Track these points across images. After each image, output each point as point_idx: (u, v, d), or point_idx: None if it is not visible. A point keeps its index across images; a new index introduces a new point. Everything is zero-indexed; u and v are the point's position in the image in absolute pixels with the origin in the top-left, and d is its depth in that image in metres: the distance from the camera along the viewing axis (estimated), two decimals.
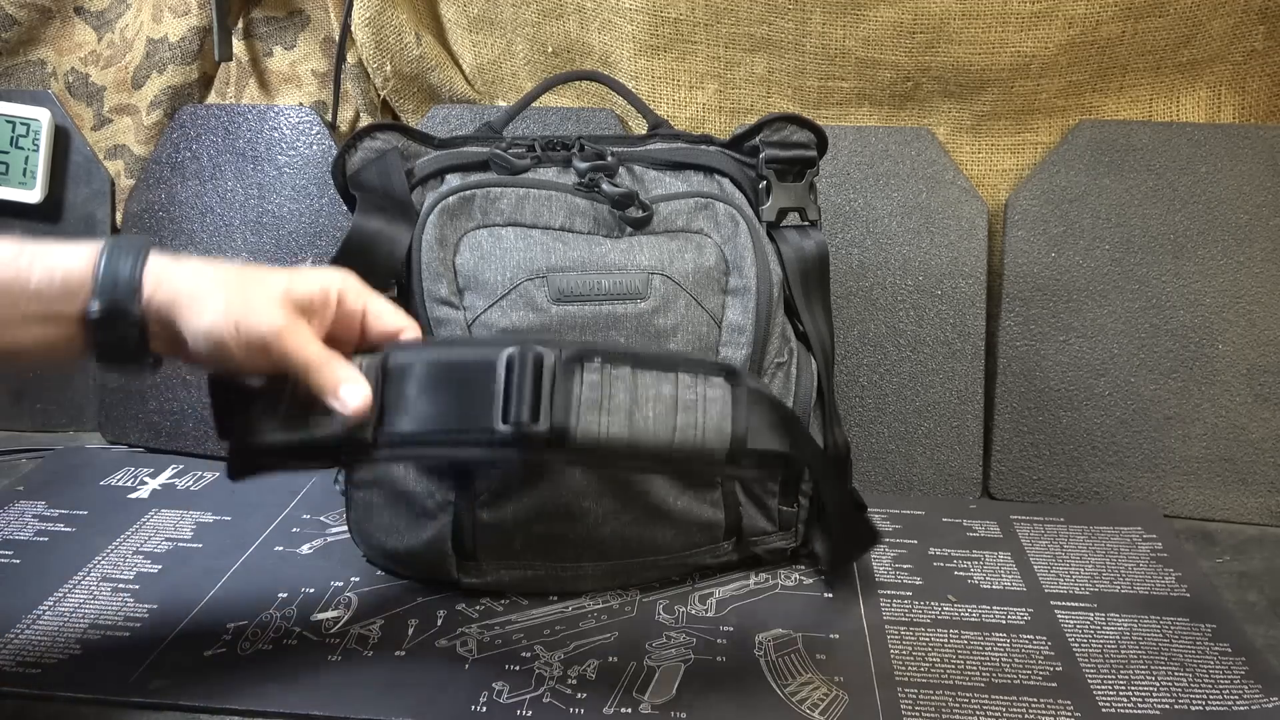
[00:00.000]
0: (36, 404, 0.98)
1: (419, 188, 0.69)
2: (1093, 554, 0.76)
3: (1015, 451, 0.85)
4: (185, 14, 0.99)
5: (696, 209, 0.70)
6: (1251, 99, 0.89)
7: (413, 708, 0.58)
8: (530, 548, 0.67)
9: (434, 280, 0.66)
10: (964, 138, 0.92)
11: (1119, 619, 0.68)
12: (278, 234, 0.92)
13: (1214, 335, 0.84)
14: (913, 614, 0.68)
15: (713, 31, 0.89)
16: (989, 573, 0.73)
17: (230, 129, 0.94)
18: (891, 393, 0.86)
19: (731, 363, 0.66)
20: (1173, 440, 0.84)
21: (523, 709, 0.58)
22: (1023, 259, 0.87)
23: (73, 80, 1.04)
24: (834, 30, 0.87)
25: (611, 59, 0.94)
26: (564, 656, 0.63)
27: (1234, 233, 0.84)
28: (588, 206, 0.69)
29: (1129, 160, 0.86)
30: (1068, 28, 0.84)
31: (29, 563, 0.73)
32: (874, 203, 0.89)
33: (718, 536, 0.70)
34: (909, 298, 0.87)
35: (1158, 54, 0.86)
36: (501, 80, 0.99)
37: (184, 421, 0.92)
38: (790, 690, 0.60)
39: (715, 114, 0.93)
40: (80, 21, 1.03)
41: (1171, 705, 0.59)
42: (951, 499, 0.85)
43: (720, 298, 0.68)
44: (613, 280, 0.66)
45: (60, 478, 0.87)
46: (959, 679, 0.61)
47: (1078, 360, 0.85)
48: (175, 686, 0.59)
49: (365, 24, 0.93)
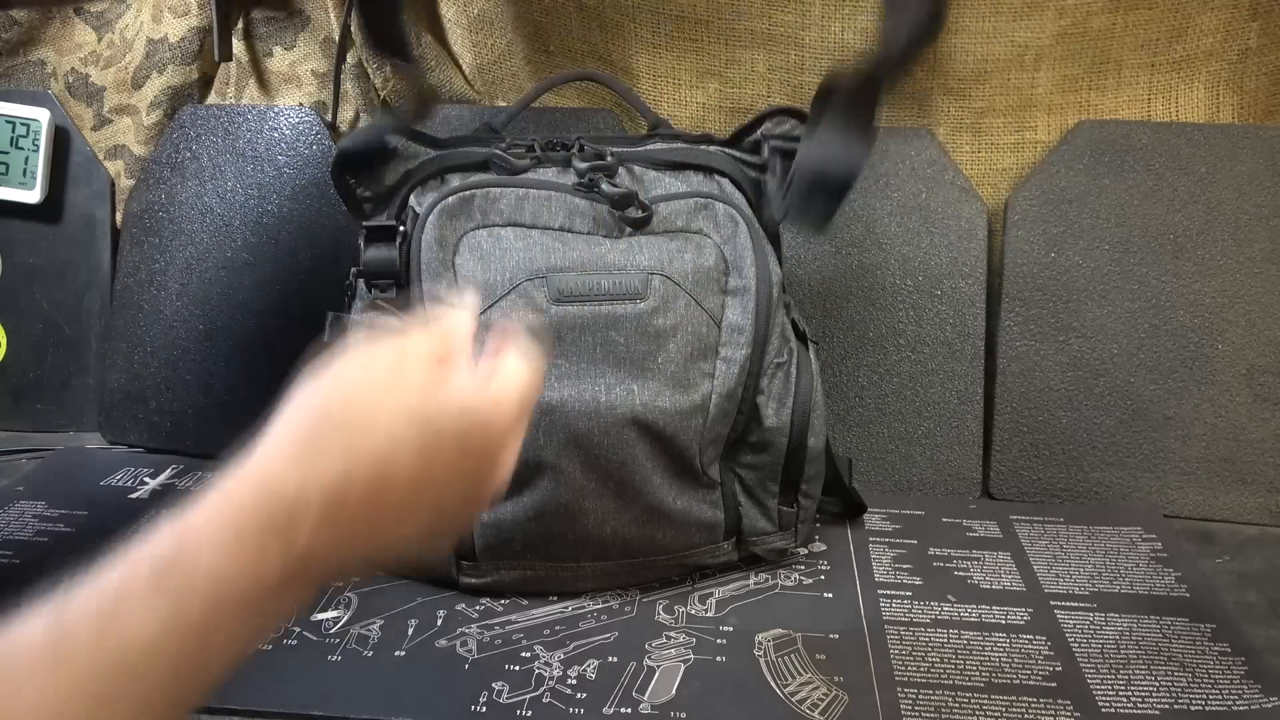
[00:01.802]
0: (36, 404, 0.98)
1: (418, 188, 0.69)
2: (1092, 554, 0.76)
3: (1015, 451, 0.85)
4: (185, 14, 0.99)
5: (696, 209, 0.70)
6: (1250, 98, 0.89)
7: (413, 708, 0.58)
8: (530, 548, 0.67)
9: (434, 280, 0.66)
10: (963, 137, 0.92)
11: (1119, 619, 0.68)
12: (278, 234, 0.92)
13: (1214, 335, 0.84)
14: (912, 614, 0.68)
15: (713, 29, 0.89)
16: (989, 573, 0.73)
17: (230, 129, 0.94)
18: (891, 393, 0.86)
19: (731, 363, 0.67)
20: (1172, 440, 0.84)
21: (523, 709, 0.58)
22: (1022, 259, 0.87)
23: (73, 80, 1.04)
24: (832, 22, 0.87)
25: (612, 59, 0.94)
26: (564, 656, 0.63)
27: (1234, 233, 0.84)
28: (587, 207, 0.69)
29: (1129, 160, 0.86)
30: (1059, 18, 0.85)
31: (29, 563, 0.73)
32: (874, 203, 0.89)
33: (717, 537, 0.70)
34: (909, 298, 0.87)
35: (1151, 48, 0.87)
36: (501, 80, 0.99)
37: (184, 421, 0.92)
38: (790, 690, 0.60)
39: (715, 113, 0.93)
40: (80, 22, 1.03)
41: (1171, 705, 0.59)
42: (951, 499, 0.85)
43: (720, 298, 0.68)
44: (612, 280, 0.66)
45: (60, 478, 0.87)
46: (959, 679, 0.61)
47: (1077, 360, 0.85)
48: None
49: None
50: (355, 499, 0.38)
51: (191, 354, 0.92)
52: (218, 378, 0.91)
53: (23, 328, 0.98)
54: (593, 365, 0.65)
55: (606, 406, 0.64)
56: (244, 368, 0.91)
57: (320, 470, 0.37)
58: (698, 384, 0.66)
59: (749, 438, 0.70)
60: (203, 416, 0.91)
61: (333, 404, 0.40)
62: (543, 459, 0.64)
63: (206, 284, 0.93)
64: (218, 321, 0.92)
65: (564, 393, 0.64)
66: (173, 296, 0.93)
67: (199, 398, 0.92)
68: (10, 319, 0.98)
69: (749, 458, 0.70)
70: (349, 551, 0.38)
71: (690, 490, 0.68)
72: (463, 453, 0.41)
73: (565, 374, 0.64)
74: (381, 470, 0.38)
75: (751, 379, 0.68)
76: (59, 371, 0.98)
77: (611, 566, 0.69)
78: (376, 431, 0.39)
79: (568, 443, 0.64)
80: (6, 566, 0.72)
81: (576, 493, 0.65)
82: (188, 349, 0.92)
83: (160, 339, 0.93)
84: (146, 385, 0.93)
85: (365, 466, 0.38)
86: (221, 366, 0.91)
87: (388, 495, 0.39)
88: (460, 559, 0.68)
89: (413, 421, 0.39)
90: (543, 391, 0.45)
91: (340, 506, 0.37)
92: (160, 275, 0.94)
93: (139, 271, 0.94)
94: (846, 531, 0.79)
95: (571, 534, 0.67)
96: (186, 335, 0.92)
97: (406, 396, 0.40)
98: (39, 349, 0.98)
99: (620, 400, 0.64)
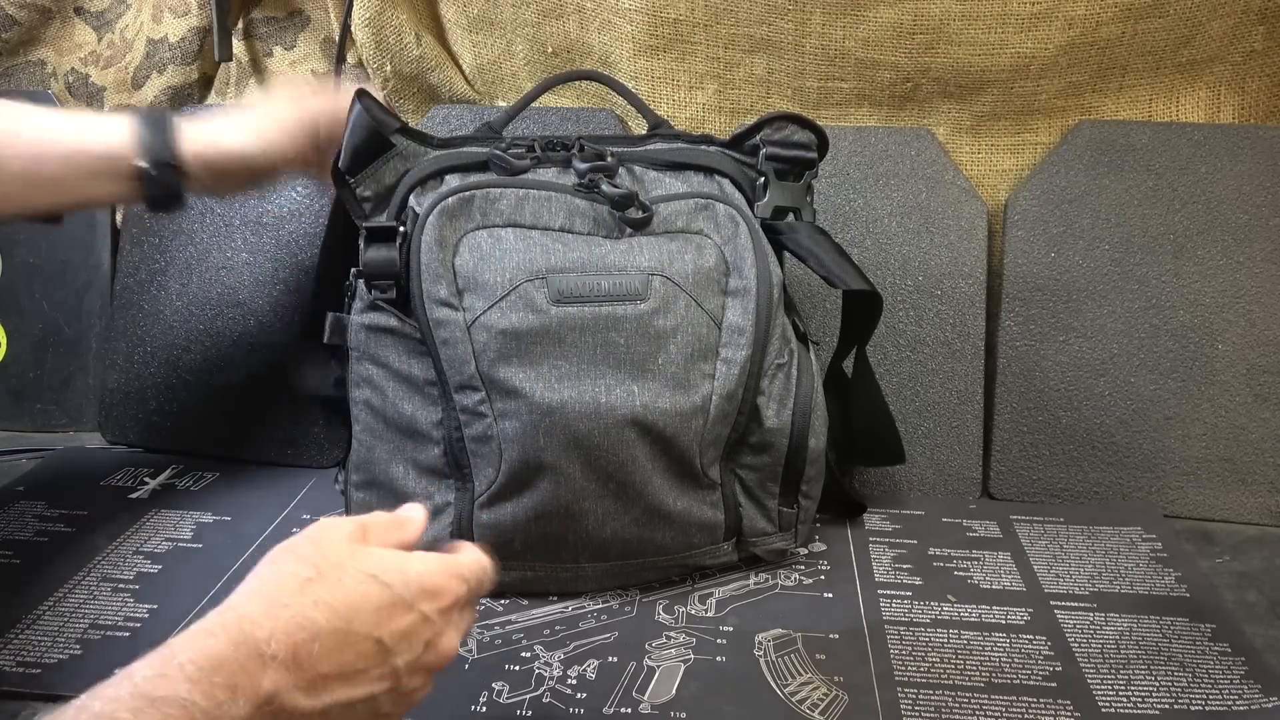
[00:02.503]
0: (36, 404, 0.98)
1: (418, 188, 0.69)
2: (1092, 554, 0.76)
3: (1015, 451, 0.85)
4: (185, 14, 0.99)
5: (696, 210, 0.70)
6: (1251, 99, 0.89)
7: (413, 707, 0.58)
8: (530, 548, 0.67)
9: (433, 281, 0.66)
10: (964, 138, 0.92)
11: (1119, 619, 0.68)
12: (278, 234, 0.92)
13: (1214, 335, 0.84)
14: (913, 614, 0.68)
15: (712, 32, 0.89)
16: (989, 573, 0.73)
17: None
18: (891, 393, 0.86)
19: (731, 364, 0.67)
20: (1172, 440, 0.84)
21: (523, 709, 0.58)
22: (1022, 259, 0.87)
23: (73, 80, 1.04)
24: (834, 31, 0.87)
25: (611, 59, 0.94)
26: (564, 656, 0.63)
27: (1234, 233, 0.84)
28: (587, 207, 0.68)
29: (1129, 160, 0.86)
30: (1068, 29, 0.84)
31: (29, 563, 0.73)
32: (874, 203, 0.89)
33: (717, 537, 0.70)
34: (909, 298, 0.87)
35: (1157, 54, 0.86)
36: (501, 80, 0.99)
37: (184, 421, 0.92)
38: (790, 690, 0.60)
39: (715, 114, 0.93)
40: (80, 22, 1.03)
41: (1171, 705, 0.59)
42: (951, 499, 0.85)
43: (720, 299, 0.68)
44: (612, 281, 0.66)
45: (60, 478, 0.87)
46: (959, 679, 0.61)
47: (1078, 360, 0.85)
48: None
49: (365, 24, 0.93)
50: (319, 650, 0.42)
51: (191, 354, 0.92)
52: (218, 378, 0.91)
53: (23, 328, 0.98)
54: (593, 366, 0.65)
55: (607, 408, 0.64)
56: (244, 368, 0.91)
57: (288, 617, 0.41)
58: (698, 385, 0.66)
59: (749, 439, 0.70)
60: (203, 416, 0.91)
61: (306, 556, 0.44)
62: (543, 460, 0.64)
63: (206, 284, 0.93)
64: (218, 321, 0.92)
65: (564, 394, 0.64)
66: (173, 296, 0.93)
67: (199, 398, 0.92)
68: (10, 319, 0.99)
69: (749, 459, 0.70)
70: (313, 702, 0.42)
71: (690, 491, 0.68)
72: (423, 618, 0.45)
73: (565, 375, 0.64)
74: (345, 625, 0.43)
75: (752, 380, 0.68)
76: (59, 371, 0.98)
77: (612, 567, 0.69)
78: (343, 585, 0.43)
79: (568, 444, 0.64)
80: (6, 566, 0.72)
81: (577, 494, 0.65)
82: (188, 349, 0.92)
83: (160, 339, 0.93)
84: (146, 385, 0.93)
85: (329, 615, 0.42)
86: (221, 366, 0.91)
87: (348, 652, 0.43)
88: None
89: (374, 580, 0.44)
90: (491, 587, 0.52)
91: (305, 653, 0.41)
92: (160, 275, 0.94)
93: (139, 271, 0.94)
94: (846, 531, 0.79)
95: (572, 535, 0.67)
96: (186, 335, 0.92)
97: (371, 558, 0.45)
98: (39, 349, 0.98)
99: (620, 401, 0.64)
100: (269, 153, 0.71)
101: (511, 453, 0.64)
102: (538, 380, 0.64)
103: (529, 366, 0.64)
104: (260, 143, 0.71)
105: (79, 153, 0.67)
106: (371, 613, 0.43)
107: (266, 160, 0.71)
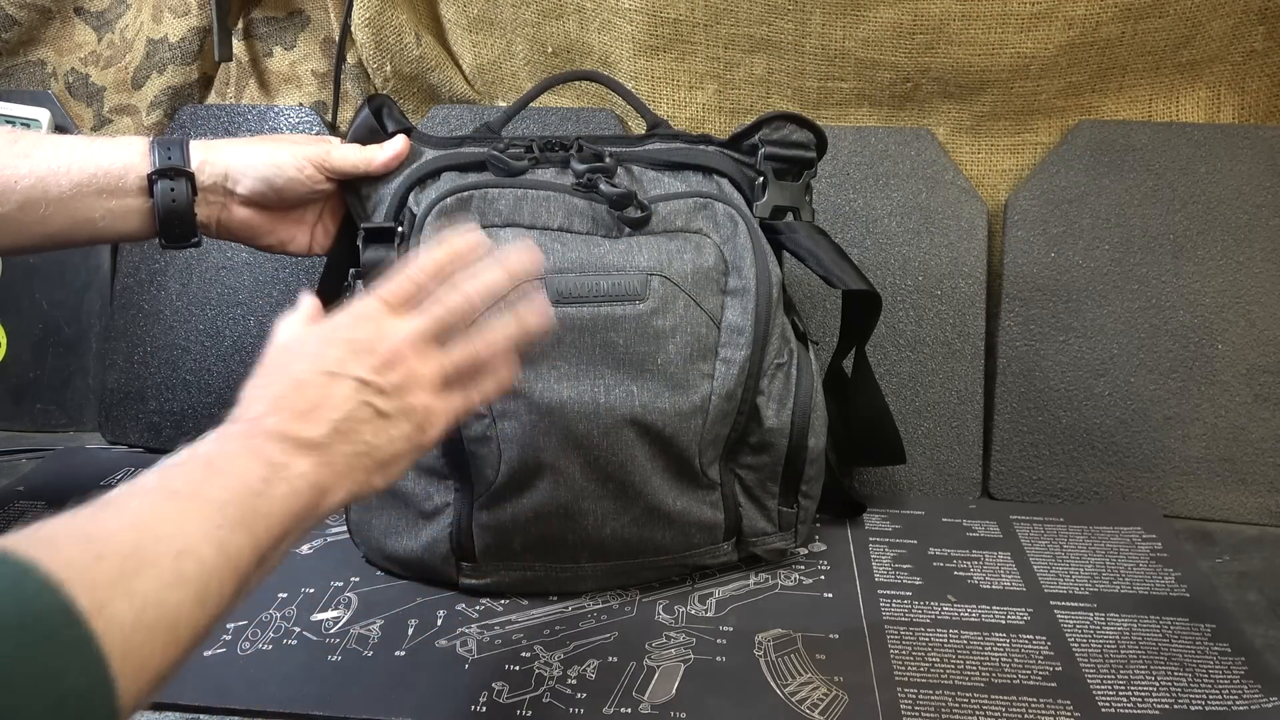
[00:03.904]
0: (36, 404, 0.98)
1: (416, 188, 0.69)
2: (1092, 554, 0.76)
3: (1015, 451, 0.85)
4: (185, 14, 0.99)
5: (695, 209, 0.70)
6: (1251, 99, 0.89)
7: (413, 708, 0.58)
8: (530, 548, 0.67)
9: None
10: (964, 138, 0.92)
11: (1119, 619, 0.68)
12: None
13: (1214, 335, 0.84)
14: (913, 614, 0.68)
15: (712, 32, 0.89)
16: (989, 573, 0.73)
17: (230, 129, 0.94)
18: (891, 393, 0.86)
19: (730, 363, 0.67)
20: (1172, 440, 0.84)
21: (523, 709, 0.58)
22: (1022, 259, 0.87)
23: (73, 80, 1.04)
24: (833, 31, 0.87)
25: (611, 59, 0.94)
26: (564, 656, 0.63)
27: (1234, 233, 0.84)
28: (586, 207, 0.68)
29: (1129, 160, 0.86)
30: (1068, 29, 0.84)
31: None
32: (874, 203, 0.89)
33: (717, 537, 0.70)
34: (909, 298, 0.87)
35: (1157, 54, 0.86)
36: (501, 80, 0.99)
37: (184, 421, 0.92)
38: (790, 690, 0.60)
39: (715, 114, 0.93)
40: (80, 22, 1.03)
41: (1171, 705, 0.59)
42: (951, 499, 0.85)
43: (719, 298, 0.68)
44: (611, 281, 0.66)
45: (60, 478, 0.87)
46: (959, 679, 0.61)
47: (1077, 360, 0.85)
48: (175, 686, 0.59)
49: (365, 24, 0.93)
50: (282, 391, 0.49)
51: (191, 354, 0.92)
52: (218, 378, 0.91)
53: (23, 328, 0.98)
54: (592, 366, 0.65)
55: (606, 408, 0.64)
56: (244, 368, 0.90)
57: (259, 396, 0.49)
58: (697, 385, 0.66)
59: (749, 438, 0.70)
60: (203, 416, 0.91)
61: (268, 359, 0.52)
62: (542, 460, 0.64)
63: (206, 284, 0.93)
64: (218, 321, 0.92)
65: (563, 394, 0.64)
66: (173, 296, 0.93)
67: (199, 398, 0.92)
68: (10, 319, 0.99)
69: (749, 458, 0.70)
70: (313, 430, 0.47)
71: (690, 491, 0.68)
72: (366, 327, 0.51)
73: (564, 375, 0.64)
74: (286, 362, 0.51)
75: (751, 380, 0.68)
76: (59, 371, 0.98)
77: (611, 567, 0.69)
78: (290, 349, 0.52)
79: (567, 444, 0.64)
80: None
81: (576, 494, 0.65)
82: (188, 349, 0.92)
83: (160, 339, 0.93)
84: (146, 385, 0.93)
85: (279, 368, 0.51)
86: (221, 366, 0.91)
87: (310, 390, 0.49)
88: (460, 560, 0.68)
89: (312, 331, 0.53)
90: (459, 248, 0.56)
91: (280, 402, 0.48)
92: (160, 275, 0.94)
93: (139, 271, 0.94)
94: (846, 531, 0.79)
95: (571, 535, 0.67)
96: (186, 335, 0.93)
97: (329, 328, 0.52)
98: (39, 349, 0.98)
99: (620, 401, 0.64)
100: (283, 172, 0.69)
101: (511, 453, 0.64)
102: (537, 380, 0.64)
103: (528, 366, 0.64)
104: (273, 163, 0.69)
105: (89, 168, 0.66)
106: (313, 345, 0.51)
107: (282, 178, 0.69)
